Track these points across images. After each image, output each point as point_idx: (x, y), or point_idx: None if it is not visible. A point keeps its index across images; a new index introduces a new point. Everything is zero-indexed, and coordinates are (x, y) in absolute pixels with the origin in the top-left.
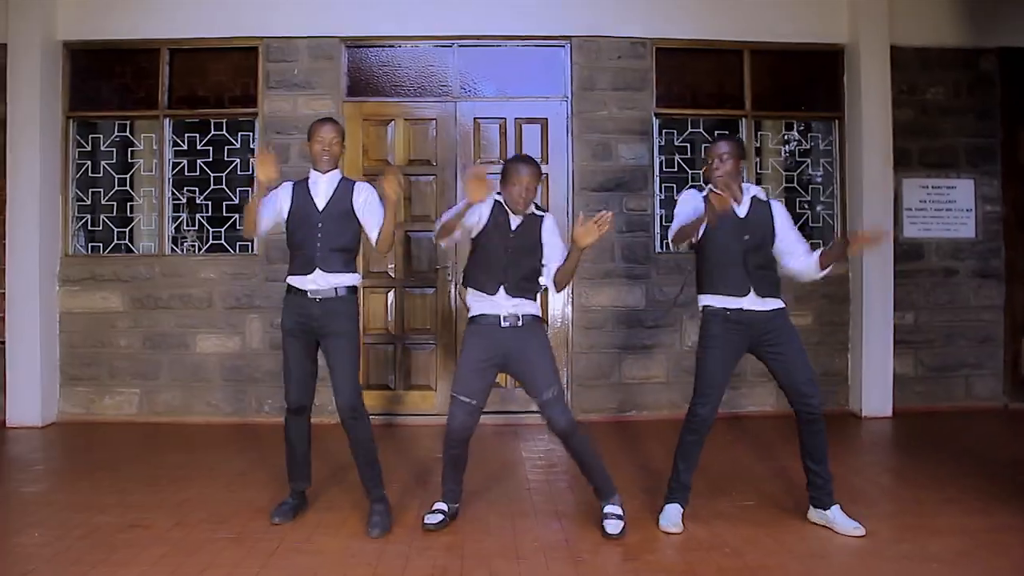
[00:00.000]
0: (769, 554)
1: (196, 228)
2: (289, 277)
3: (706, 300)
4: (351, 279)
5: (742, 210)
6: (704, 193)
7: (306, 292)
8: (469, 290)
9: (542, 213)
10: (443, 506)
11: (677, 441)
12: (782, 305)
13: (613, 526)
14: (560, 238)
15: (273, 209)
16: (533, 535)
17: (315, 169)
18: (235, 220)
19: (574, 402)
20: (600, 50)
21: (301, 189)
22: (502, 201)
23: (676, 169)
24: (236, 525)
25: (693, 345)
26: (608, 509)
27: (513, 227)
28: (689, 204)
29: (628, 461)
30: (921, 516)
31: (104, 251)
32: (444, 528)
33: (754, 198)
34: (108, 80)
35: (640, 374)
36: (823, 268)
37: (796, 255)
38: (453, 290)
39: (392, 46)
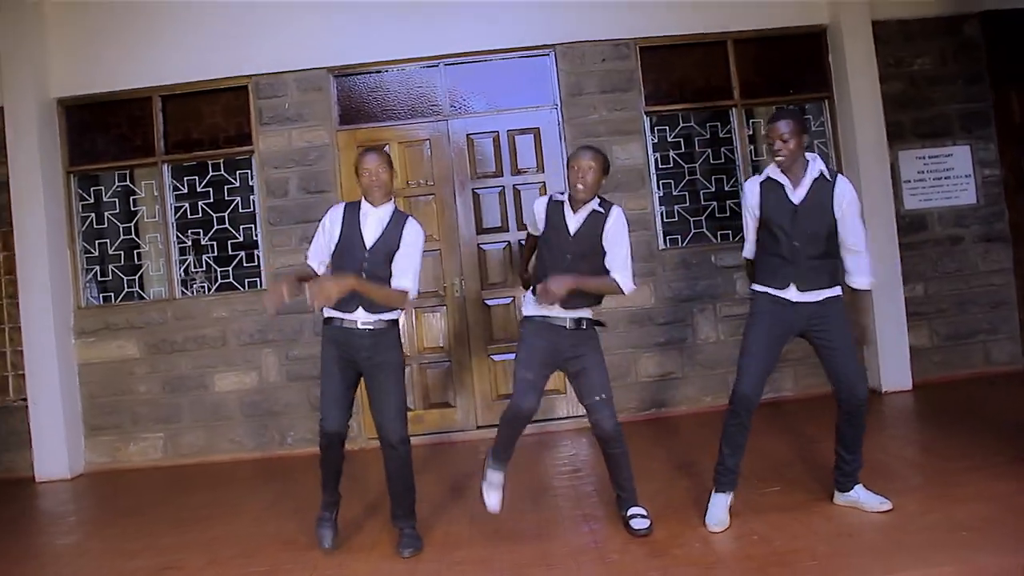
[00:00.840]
0: (796, 538)
1: (204, 269)
2: (329, 310)
3: (756, 286)
4: (394, 313)
5: (798, 195)
6: (761, 179)
7: (355, 323)
8: (529, 296)
9: (605, 209)
10: (497, 470)
11: (722, 428)
12: (835, 293)
13: (640, 523)
14: (626, 237)
15: (322, 244)
16: (562, 541)
17: (367, 200)
18: (241, 258)
19: None
20: (584, 55)
21: (351, 217)
22: (563, 200)
23: (672, 165)
24: (267, 557)
25: (706, 338)
26: (633, 511)
27: (572, 230)
28: (747, 205)
29: (651, 457)
30: (947, 486)
31: (116, 300)
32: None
33: (817, 179)
34: (104, 132)
35: (656, 371)
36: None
37: (848, 253)
38: (464, 305)
39: (379, 71)
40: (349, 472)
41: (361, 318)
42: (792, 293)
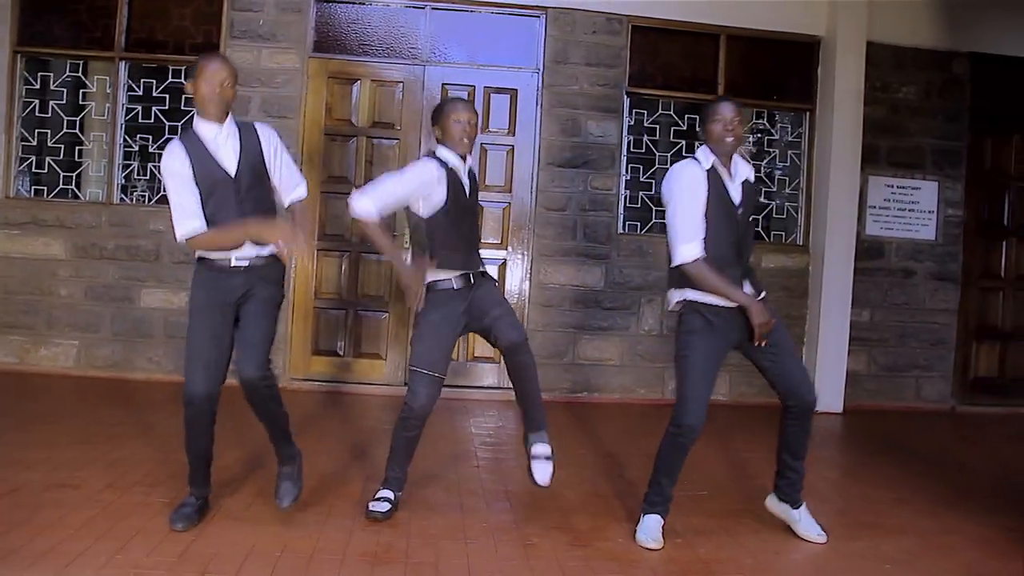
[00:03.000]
0: (721, 547)
1: (147, 178)
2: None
3: (687, 295)
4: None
5: (736, 194)
6: (707, 166)
7: (228, 260)
8: (441, 271)
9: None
10: (389, 494)
11: (657, 452)
12: (764, 294)
13: (543, 471)
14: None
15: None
16: (482, 516)
17: (203, 118)
18: None
19: None
20: (575, 23)
21: (196, 148)
22: (452, 162)
23: (644, 150)
24: (171, 489)
25: (650, 330)
26: (538, 448)
27: (467, 188)
28: (696, 196)
29: (579, 442)
30: (873, 515)
31: (48, 195)
32: (390, 518)
33: (746, 181)
34: (61, 16)
35: (594, 355)
36: None
37: None
38: (411, 257)
39: (363, 3)
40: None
41: (235, 252)
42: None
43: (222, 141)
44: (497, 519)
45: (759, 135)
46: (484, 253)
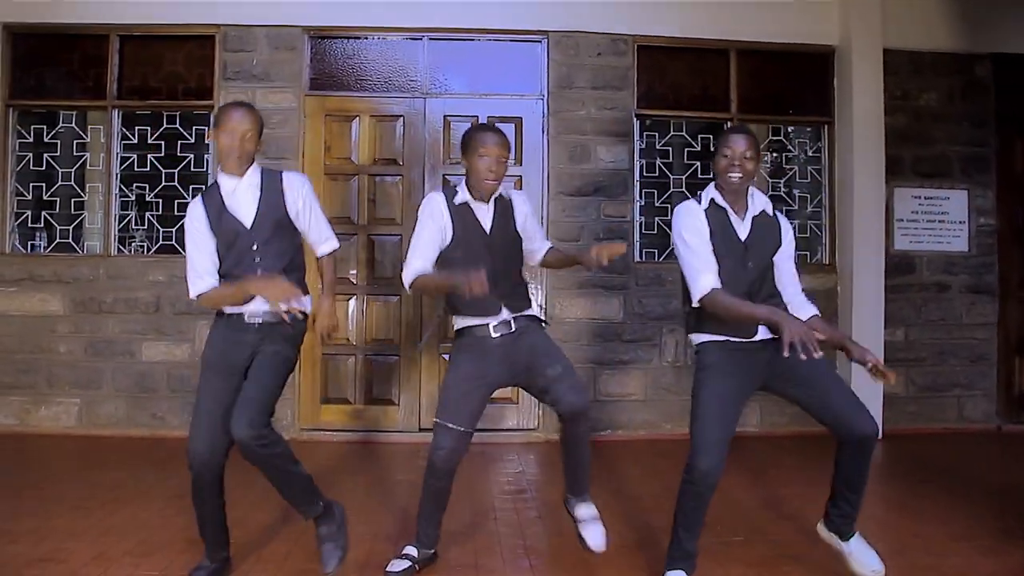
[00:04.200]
0: None
1: (145, 228)
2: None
3: (703, 338)
4: (305, 303)
5: (743, 231)
6: (704, 205)
7: (242, 315)
8: (458, 318)
9: (507, 193)
10: (413, 551)
11: (676, 503)
12: None
13: (595, 535)
14: (535, 214)
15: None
16: (499, 575)
17: (224, 172)
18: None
19: (545, 419)
20: (579, 47)
21: (214, 202)
22: (464, 194)
23: (657, 174)
24: (163, 559)
25: (673, 360)
26: (583, 511)
27: (487, 226)
28: (699, 232)
29: (602, 486)
30: (930, 555)
31: (45, 250)
32: None
33: (760, 214)
34: (53, 67)
35: (616, 391)
36: None
37: (786, 292)
38: (420, 297)
39: (358, 38)
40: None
41: (249, 308)
42: (759, 333)
43: (241, 193)
44: None
45: (776, 153)
46: None
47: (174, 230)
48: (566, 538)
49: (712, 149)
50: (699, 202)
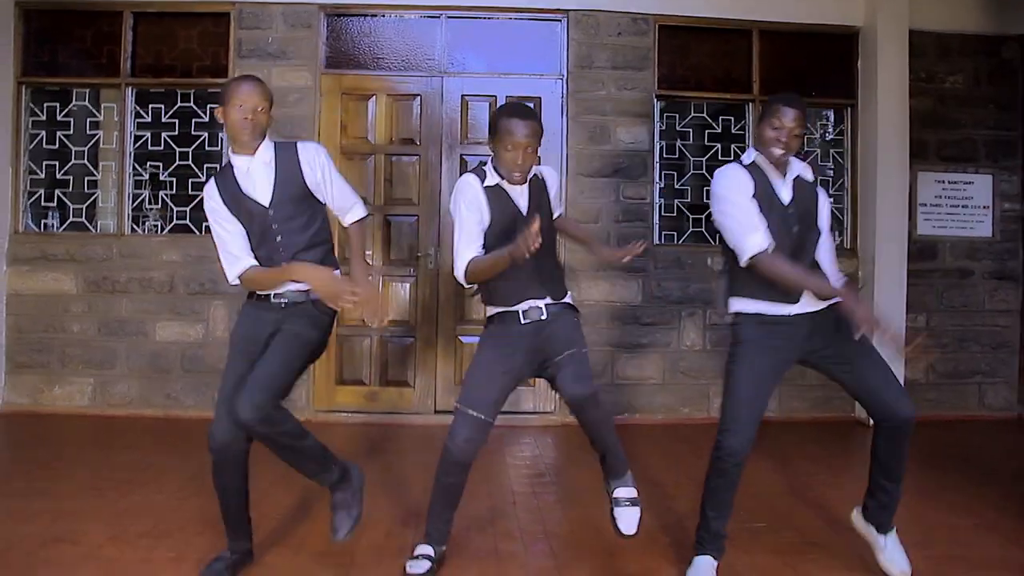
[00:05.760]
0: None
1: (159, 206)
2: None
3: (740, 305)
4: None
5: (786, 194)
6: (747, 163)
7: (269, 296)
8: (491, 307)
9: (539, 171)
10: (428, 549)
11: (704, 483)
12: (839, 299)
13: (628, 518)
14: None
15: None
16: (519, 561)
17: (235, 149)
18: (201, 199)
19: (561, 402)
20: (599, 25)
21: (228, 184)
22: (493, 176)
23: (677, 155)
24: (179, 541)
25: (692, 345)
26: (621, 491)
27: (523, 207)
28: (743, 191)
29: None
30: (958, 546)
31: (58, 229)
32: None
33: (798, 178)
34: (66, 44)
35: (635, 374)
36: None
37: (822, 259)
38: (437, 279)
39: (375, 15)
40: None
41: (279, 289)
42: (800, 306)
43: (255, 172)
44: (536, 564)
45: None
46: None
47: (188, 209)
48: (587, 523)
49: (758, 118)
50: (739, 163)
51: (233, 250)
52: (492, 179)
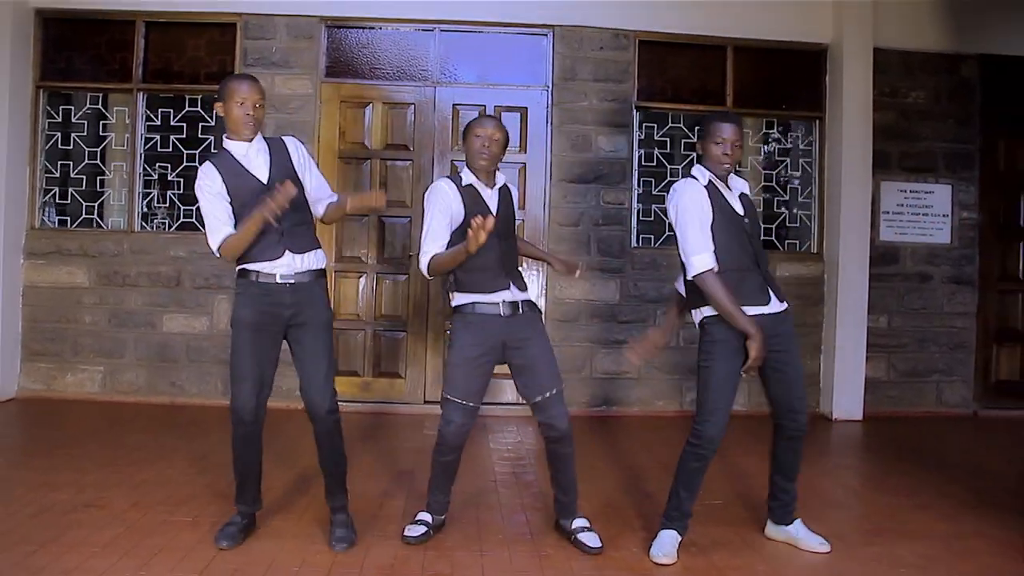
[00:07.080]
0: (736, 554)
1: (167, 205)
2: (247, 264)
3: (709, 310)
4: (321, 258)
5: (738, 207)
6: (704, 183)
7: (273, 276)
8: (461, 295)
9: (508, 184)
10: (427, 517)
11: (677, 465)
12: (786, 305)
13: (592, 540)
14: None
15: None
16: (497, 528)
17: (233, 138)
18: None
19: None
20: (582, 40)
21: (227, 164)
22: (469, 176)
23: (655, 163)
24: (194, 508)
25: (665, 343)
26: (577, 524)
27: (493, 206)
28: (701, 210)
29: (598, 456)
30: (891, 521)
31: (72, 225)
32: (427, 542)
33: (742, 194)
34: (81, 50)
35: (612, 369)
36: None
37: None
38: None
39: (373, 28)
40: (275, 432)
41: (281, 269)
42: (768, 308)
43: (253, 155)
44: (513, 531)
45: (771, 144)
46: None
47: (195, 208)
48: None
49: (699, 136)
50: (697, 180)
51: (220, 219)
52: (468, 179)
